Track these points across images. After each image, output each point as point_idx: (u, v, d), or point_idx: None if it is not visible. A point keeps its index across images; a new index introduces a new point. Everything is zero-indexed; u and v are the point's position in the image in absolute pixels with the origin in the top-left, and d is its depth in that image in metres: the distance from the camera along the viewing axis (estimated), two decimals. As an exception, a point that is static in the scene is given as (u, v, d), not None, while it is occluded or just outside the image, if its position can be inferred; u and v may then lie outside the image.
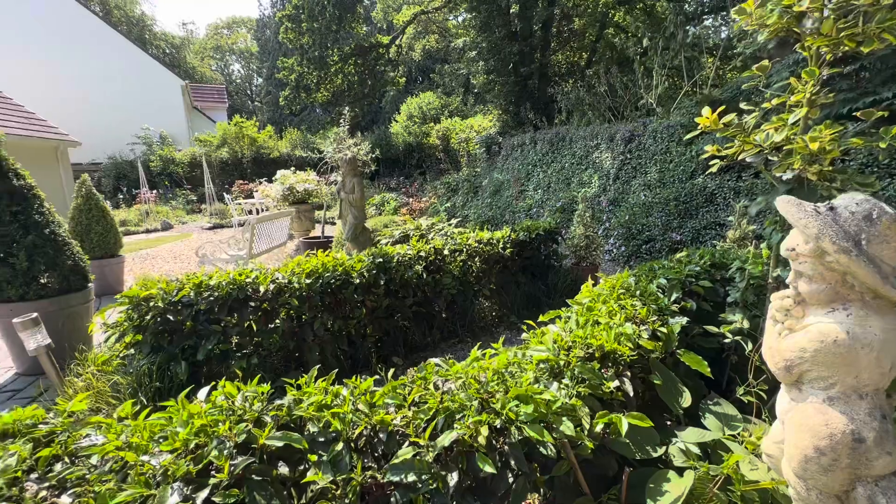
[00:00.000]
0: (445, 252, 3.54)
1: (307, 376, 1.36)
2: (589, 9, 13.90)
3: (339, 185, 3.98)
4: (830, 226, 0.94)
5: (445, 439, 1.15)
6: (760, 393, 1.58)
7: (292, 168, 8.06)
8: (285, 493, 1.08)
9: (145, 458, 1.03)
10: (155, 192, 15.32)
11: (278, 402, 1.25)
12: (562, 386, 1.39)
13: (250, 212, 10.02)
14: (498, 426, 1.22)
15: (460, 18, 20.91)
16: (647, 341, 1.65)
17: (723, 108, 1.85)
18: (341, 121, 5.91)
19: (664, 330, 1.75)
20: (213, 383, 1.33)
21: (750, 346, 1.73)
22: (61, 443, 1.07)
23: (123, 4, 37.41)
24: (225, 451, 1.05)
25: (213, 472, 1.03)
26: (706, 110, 1.78)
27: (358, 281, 2.94)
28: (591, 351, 1.56)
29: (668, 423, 1.76)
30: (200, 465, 1.03)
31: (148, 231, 12.26)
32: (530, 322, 1.82)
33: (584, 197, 4.82)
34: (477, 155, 14.27)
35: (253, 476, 1.05)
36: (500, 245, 3.92)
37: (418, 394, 1.29)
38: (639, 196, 6.72)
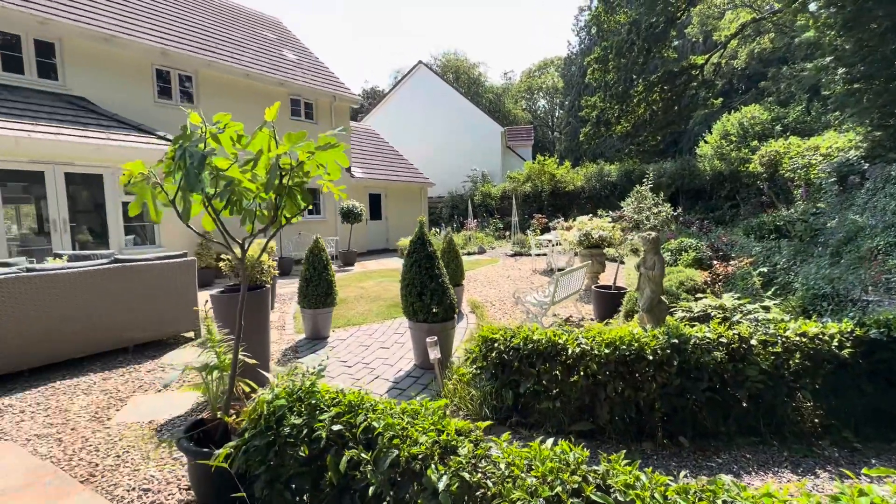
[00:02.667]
0: (753, 342, 3.35)
1: (616, 455, 1.90)
2: None
3: (640, 261, 4.35)
4: None
5: (728, 555, 1.44)
6: None
7: (589, 216, 8.81)
8: (598, 534, 1.65)
9: (523, 474, 1.83)
10: (476, 220, 19.37)
11: (595, 467, 1.85)
12: (874, 559, 1.39)
13: (546, 246, 11.41)
14: (784, 567, 1.40)
15: (812, 6, 16.73)
16: None
17: None
18: (644, 179, 6.18)
19: None
20: (544, 437, 2.06)
21: None
22: (484, 448, 2.01)
23: (467, 70, 48.40)
24: (565, 491, 1.72)
25: (555, 501, 1.72)
26: None
27: (651, 358, 3.26)
28: (929, 536, 1.43)
29: None
30: (552, 494, 1.73)
31: (469, 253, 15.76)
32: (849, 473, 1.75)
33: None
34: (823, 187, 11.20)
35: (580, 514, 1.67)
36: (835, 342, 3.33)
37: (706, 508, 1.61)
38: None
